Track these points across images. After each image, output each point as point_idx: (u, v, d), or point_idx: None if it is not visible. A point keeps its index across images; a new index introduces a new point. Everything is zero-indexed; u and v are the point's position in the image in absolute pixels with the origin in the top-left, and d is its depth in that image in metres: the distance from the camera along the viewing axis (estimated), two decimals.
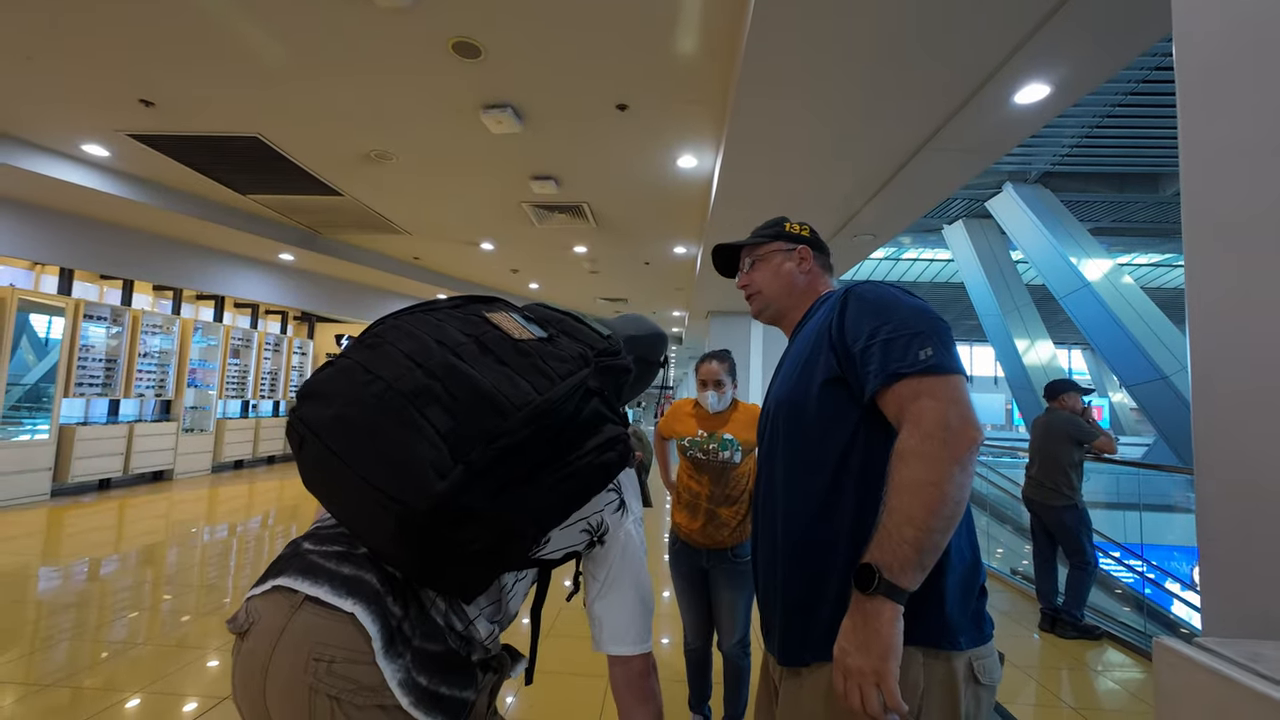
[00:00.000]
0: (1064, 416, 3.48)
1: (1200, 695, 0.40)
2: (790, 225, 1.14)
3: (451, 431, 0.70)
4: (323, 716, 0.68)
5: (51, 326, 6.04)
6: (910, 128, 3.37)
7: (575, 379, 0.77)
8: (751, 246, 1.16)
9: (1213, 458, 0.78)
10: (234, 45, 3.28)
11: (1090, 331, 10.14)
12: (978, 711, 0.81)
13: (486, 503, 0.69)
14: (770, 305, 1.13)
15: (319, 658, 0.69)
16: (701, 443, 1.96)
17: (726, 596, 1.95)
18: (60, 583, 3.59)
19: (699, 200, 5.43)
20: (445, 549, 0.70)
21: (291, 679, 0.69)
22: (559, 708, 2.28)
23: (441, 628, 0.75)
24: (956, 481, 0.73)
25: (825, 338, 0.91)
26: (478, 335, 0.80)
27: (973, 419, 0.75)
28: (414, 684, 0.70)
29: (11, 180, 5.14)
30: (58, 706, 2.15)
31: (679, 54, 3.18)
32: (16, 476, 5.57)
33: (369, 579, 0.73)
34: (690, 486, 1.98)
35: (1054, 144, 8.90)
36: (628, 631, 0.88)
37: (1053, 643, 3.24)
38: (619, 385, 0.86)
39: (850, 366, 0.86)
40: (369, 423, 0.72)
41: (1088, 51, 2.61)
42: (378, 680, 0.68)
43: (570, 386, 0.76)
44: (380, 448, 0.70)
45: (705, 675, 2.08)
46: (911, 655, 0.78)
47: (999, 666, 0.85)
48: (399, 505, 0.67)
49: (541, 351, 0.80)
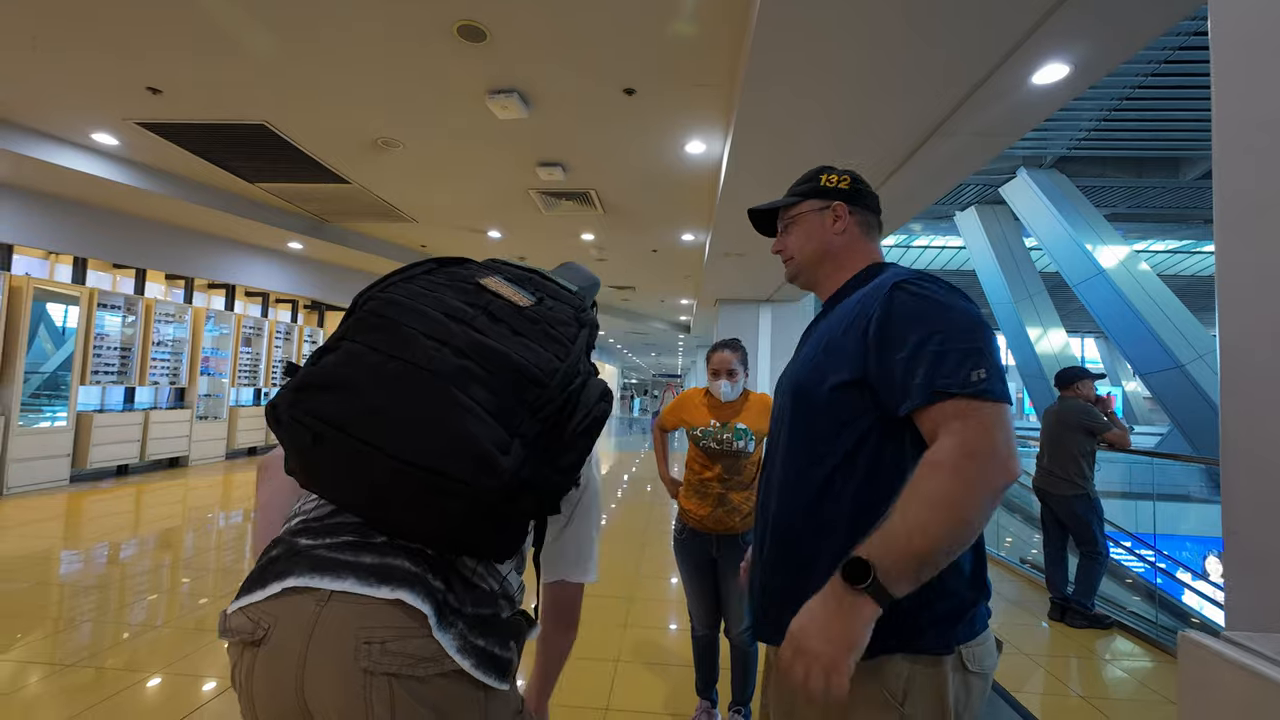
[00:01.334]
0: (1077, 405, 3.43)
1: (1228, 690, 0.39)
2: (827, 178, 1.03)
3: (498, 408, 0.72)
4: (382, 697, 0.66)
5: (68, 316, 6.12)
6: (925, 110, 3.30)
7: (580, 341, 0.82)
8: (785, 208, 1.07)
9: (1241, 446, 0.76)
10: (239, 31, 3.26)
11: (1104, 319, 9.99)
12: (968, 698, 0.79)
13: (537, 471, 0.73)
14: (803, 271, 1.05)
15: (369, 640, 0.67)
16: (715, 432, 1.95)
17: (730, 583, 1.95)
18: (81, 566, 3.67)
19: (707, 186, 5.37)
20: (502, 520, 0.73)
21: (340, 667, 0.67)
22: (568, 691, 2.31)
23: (487, 592, 0.77)
24: (983, 510, 0.70)
25: (860, 333, 0.84)
26: (485, 306, 0.81)
27: (1015, 453, 0.73)
28: (473, 647, 0.71)
29: (25, 170, 5.18)
30: (82, 685, 2.20)
31: (688, 36, 3.12)
32: (37, 463, 5.69)
33: (400, 564, 0.72)
34: (701, 474, 1.98)
35: (1071, 127, 8.70)
36: (587, 560, 0.94)
37: (1062, 631, 3.23)
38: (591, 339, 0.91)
39: (884, 372, 0.80)
40: (412, 409, 0.71)
41: (1111, 28, 2.53)
42: (436, 650, 0.68)
43: (580, 349, 0.82)
44: (433, 433, 0.69)
45: (713, 661, 2.10)
46: (895, 663, 0.77)
47: (993, 654, 0.84)
48: (466, 486, 0.68)
49: (547, 317, 0.82)
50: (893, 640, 0.77)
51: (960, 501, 0.70)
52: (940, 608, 0.78)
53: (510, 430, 0.71)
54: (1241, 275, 0.78)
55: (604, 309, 13.36)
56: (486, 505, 0.69)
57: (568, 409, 0.77)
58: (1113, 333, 9.97)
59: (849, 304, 0.92)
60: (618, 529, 5.20)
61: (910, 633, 0.77)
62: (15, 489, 5.48)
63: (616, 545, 4.61)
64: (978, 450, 0.71)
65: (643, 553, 4.40)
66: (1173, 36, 6.34)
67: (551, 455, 0.75)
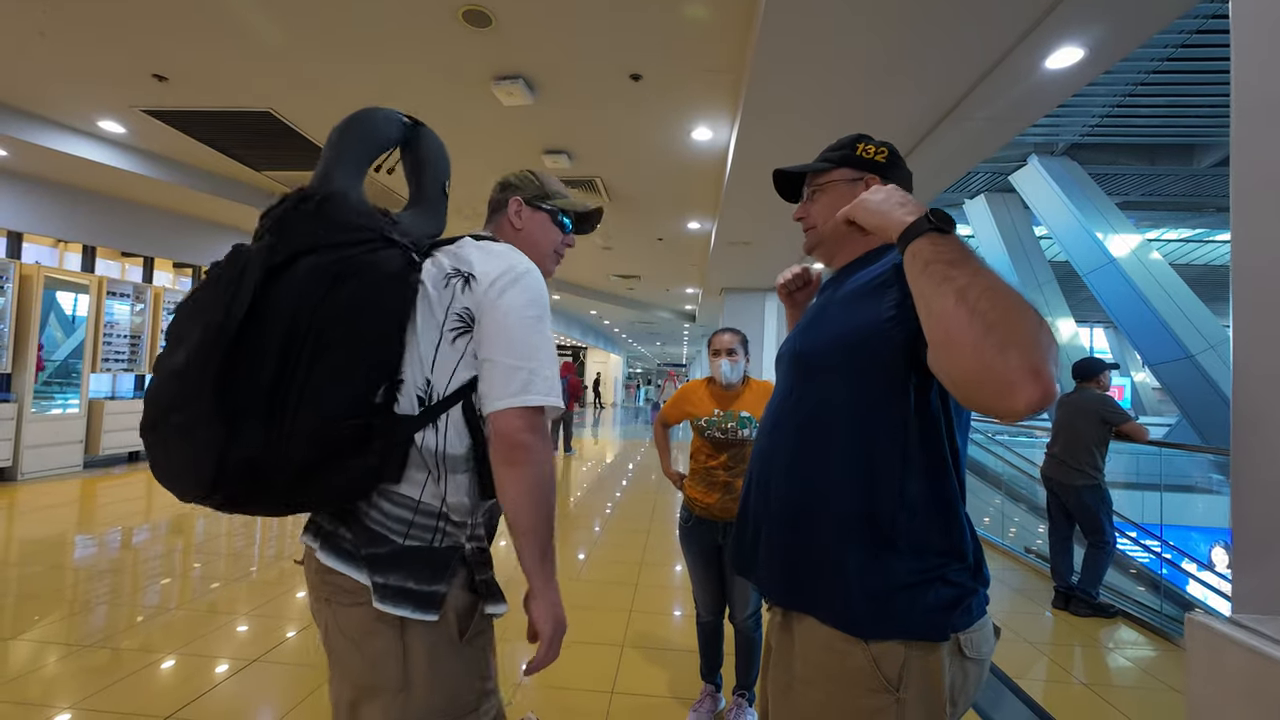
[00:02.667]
0: (1096, 395, 3.41)
1: (1235, 671, 0.39)
2: (864, 148, 0.99)
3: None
4: (325, 617, 0.88)
5: (77, 304, 6.17)
6: (936, 95, 3.25)
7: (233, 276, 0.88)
8: (814, 174, 1.02)
9: (1252, 432, 0.75)
10: (244, 18, 3.24)
11: (1114, 309, 9.89)
12: (964, 682, 0.80)
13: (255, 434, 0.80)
14: (824, 242, 1.00)
15: (319, 571, 0.88)
16: (719, 421, 1.97)
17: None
18: (95, 550, 3.73)
19: (714, 174, 5.33)
20: (290, 479, 0.80)
21: (315, 590, 0.90)
22: (574, 676, 2.35)
23: (378, 533, 0.85)
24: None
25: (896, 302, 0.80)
26: None
27: None
28: (376, 584, 0.82)
29: (33, 158, 5.20)
30: (98, 666, 2.25)
31: (695, 20, 3.08)
32: (51, 449, 5.77)
33: (320, 520, 0.91)
34: (707, 464, 1.99)
35: (1083, 114, 8.55)
36: (505, 385, 0.85)
37: (1066, 620, 3.24)
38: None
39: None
40: None
41: (1126, 11, 2.48)
42: (353, 584, 0.84)
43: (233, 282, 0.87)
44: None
45: (717, 647, 2.12)
46: (892, 648, 0.77)
47: (990, 640, 0.84)
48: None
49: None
50: (891, 627, 0.77)
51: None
52: (940, 595, 0.78)
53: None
54: (1258, 258, 0.77)
55: (609, 298, 13.35)
56: (260, 480, 0.78)
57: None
58: (1123, 323, 9.87)
59: (868, 280, 0.89)
60: (622, 518, 5.24)
61: (908, 620, 0.77)
62: (30, 474, 5.57)
63: (621, 534, 4.65)
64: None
65: (647, 540, 4.43)
66: (1189, 19, 6.20)
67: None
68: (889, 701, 0.76)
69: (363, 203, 0.93)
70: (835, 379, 0.85)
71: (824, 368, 0.88)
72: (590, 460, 8.98)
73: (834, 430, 0.84)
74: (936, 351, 0.69)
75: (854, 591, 0.79)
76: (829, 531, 0.82)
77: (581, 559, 3.96)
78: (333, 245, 0.84)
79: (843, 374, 0.84)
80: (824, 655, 0.81)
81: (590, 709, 2.11)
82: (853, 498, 0.81)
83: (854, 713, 0.78)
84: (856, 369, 0.83)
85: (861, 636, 0.78)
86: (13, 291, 5.47)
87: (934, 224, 0.72)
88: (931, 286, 0.69)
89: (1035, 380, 0.61)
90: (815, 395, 0.88)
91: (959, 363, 0.66)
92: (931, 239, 0.71)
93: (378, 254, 0.87)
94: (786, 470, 0.89)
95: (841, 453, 0.83)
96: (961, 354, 0.65)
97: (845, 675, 0.79)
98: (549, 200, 1.13)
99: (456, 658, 0.86)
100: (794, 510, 0.87)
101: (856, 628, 0.79)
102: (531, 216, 1.12)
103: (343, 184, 0.93)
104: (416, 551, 0.84)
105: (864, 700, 0.77)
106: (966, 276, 0.67)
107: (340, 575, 0.84)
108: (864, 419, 0.82)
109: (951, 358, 0.67)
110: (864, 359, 0.82)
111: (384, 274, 0.86)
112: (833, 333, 0.88)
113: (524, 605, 0.93)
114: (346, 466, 0.81)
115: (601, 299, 13.27)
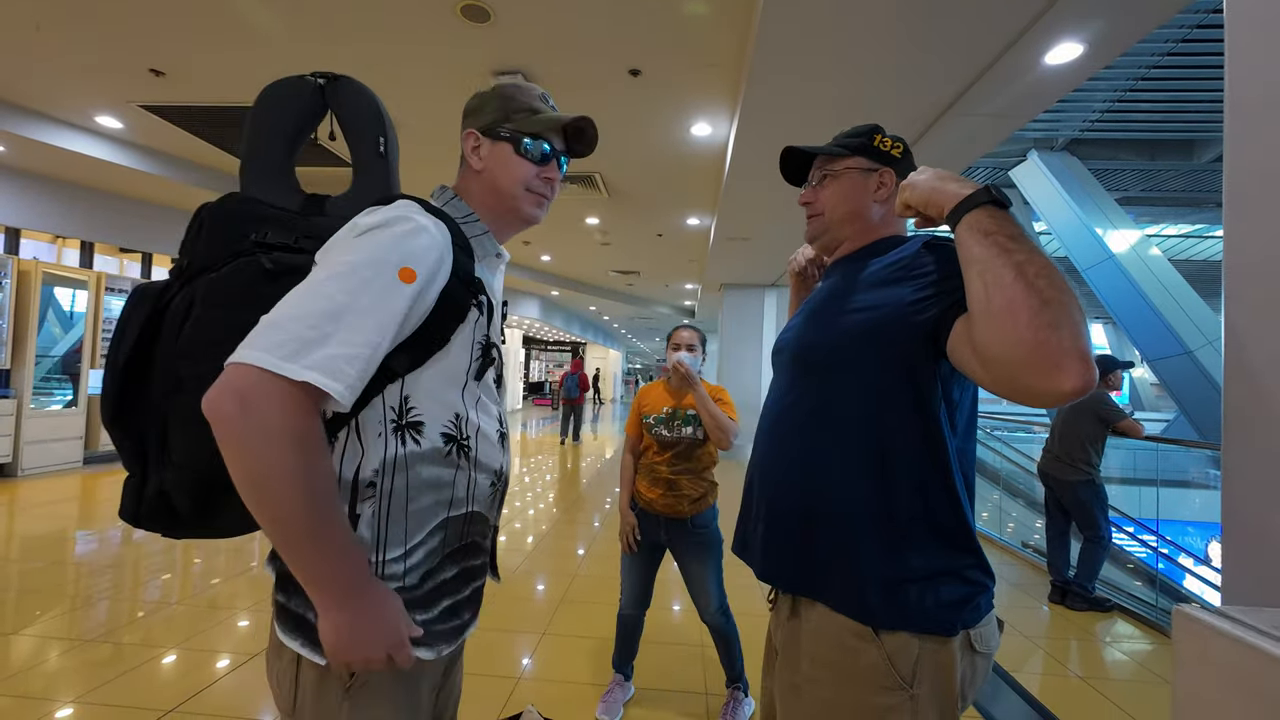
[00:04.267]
0: (1094, 393, 3.43)
1: (1223, 664, 0.40)
2: (881, 140, 0.96)
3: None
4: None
5: (75, 300, 6.16)
6: (935, 90, 3.25)
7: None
8: (826, 157, 0.97)
9: (1243, 426, 0.76)
10: (241, 12, 3.23)
11: (1113, 305, 9.90)
12: (974, 676, 0.81)
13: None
14: (828, 232, 0.97)
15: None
16: (666, 419, 1.97)
17: (696, 569, 1.98)
18: (96, 546, 3.74)
19: (713, 170, 5.32)
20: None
21: None
22: (574, 669, 2.36)
23: None
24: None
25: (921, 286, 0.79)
26: None
27: None
28: (279, 606, 0.74)
29: (31, 153, 5.18)
30: (100, 660, 2.26)
31: (694, 15, 3.07)
32: (51, 445, 5.77)
33: None
34: (653, 460, 2.00)
35: (1083, 109, 8.53)
36: (252, 335, 0.64)
37: (1062, 614, 3.26)
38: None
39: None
40: None
41: (1126, 6, 2.47)
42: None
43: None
44: None
45: (634, 640, 2.12)
46: (905, 644, 0.77)
47: (996, 634, 0.84)
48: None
49: None
50: (903, 618, 0.77)
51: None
52: (954, 591, 0.78)
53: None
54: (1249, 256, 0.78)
55: (608, 293, 13.34)
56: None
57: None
58: (1121, 318, 9.88)
59: (875, 266, 0.88)
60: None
61: (921, 613, 0.77)
62: (30, 470, 5.57)
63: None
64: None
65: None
66: (1190, 14, 6.18)
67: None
68: (903, 699, 0.76)
69: (262, 204, 0.82)
70: (844, 374, 0.84)
71: (829, 364, 0.86)
72: (590, 455, 9.00)
73: (843, 426, 0.83)
74: (986, 322, 0.67)
75: (869, 580, 0.79)
76: (842, 527, 0.82)
77: (581, 554, 3.98)
78: (202, 269, 0.77)
79: (854, 367, 0.83)
80: (835, 653, 0.81)
81: (590, 701, 2.12)
82: (865, 495, 0.81)
83: (867, 710, 0.77)
84: (869, 360, 0.82)
85: (873, 626, 0.78)
86: (11, 287, 5.46)
87: (994, 196, 0.72)
88: (992, 256, 0.67)
89: (1083, 363, 0.61)
90: (819, 391, 0.87)
91: (1011, 334, 0.64)
92: (990, 211, 0.71)
93: (220, 271, 0.76)
94: (791, 468, 0.88)
95: (852, 449, 0.82)
96: (1016, 325, 0.63)
97: (858, 673, 0.78)
98: (511, 123, 0.85)
99: (348, 713, 0.71)
100: (803, 506, 0.86)
101: (869, 616, 0.78)
102: (491, 151, 0.86)
103: (251, 185, 0.86)
104: None
105: (877, 698, 0.77)
106: (1025, 253, 0.67)
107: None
108: (876, 414, 0.81)
109: (1003, 329, 0.65)
110: (879, 348, 0.80)
111: (223, 293, 0.74)
112: (842, 325, 0.86)
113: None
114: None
115: (600, 294, 13.25)
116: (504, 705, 2.08)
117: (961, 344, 0.72)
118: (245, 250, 0.76)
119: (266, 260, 0.75)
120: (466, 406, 0.80)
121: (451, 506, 0.78)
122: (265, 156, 0.88)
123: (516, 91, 0.87)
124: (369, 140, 0.93)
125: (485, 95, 0.88)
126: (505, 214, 0.88)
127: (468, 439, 0.80)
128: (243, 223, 0.78)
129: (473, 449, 0.80)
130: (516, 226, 0.91)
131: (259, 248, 0.76)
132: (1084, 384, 0.60)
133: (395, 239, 0.69)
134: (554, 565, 3.72)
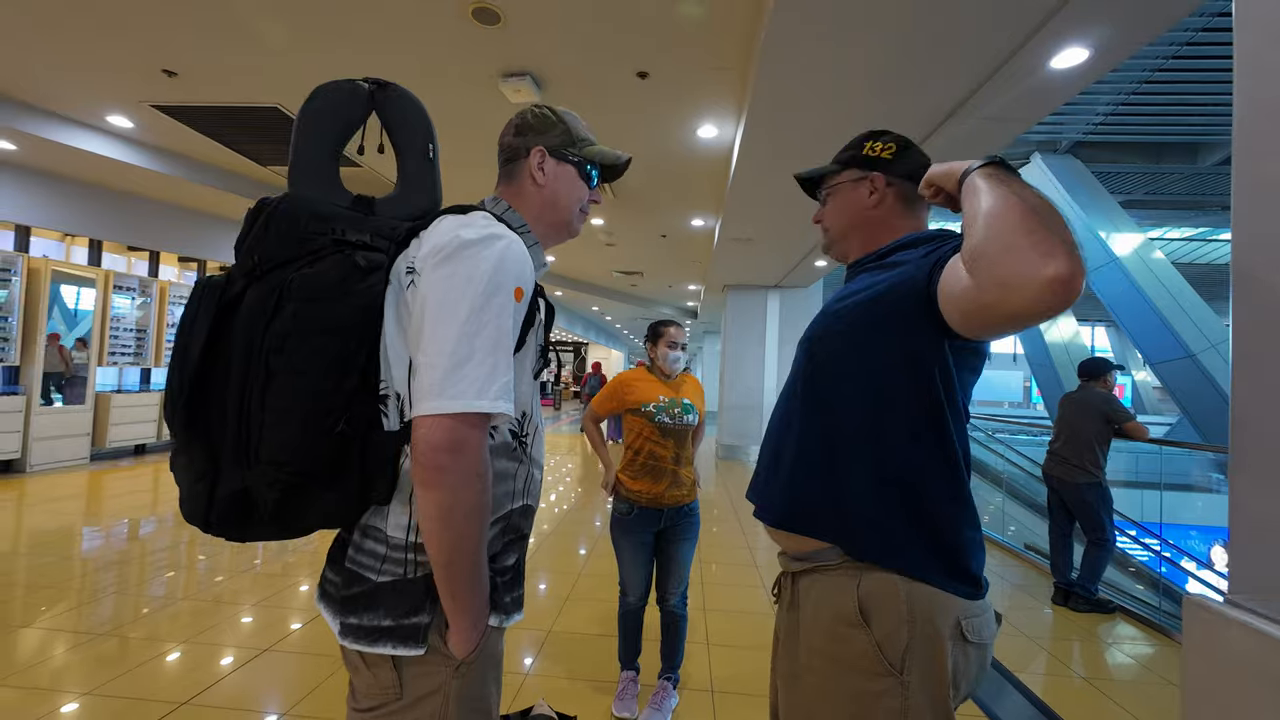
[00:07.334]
0: (1099, 394, 3.44)
1: (1232, 650, 0.41)
2: (870, 146, 1.00)
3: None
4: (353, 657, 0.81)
5: (81, 298, 6.20)
6: (941, 93, 3.26)
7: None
8: (826, 177, 1.04)
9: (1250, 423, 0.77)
10: (253, 14, 3.26)
11: (1116, 308, 9.89)
12: (967, 666, 0.82)
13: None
14: (834, 244, 1.03)
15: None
16: (668, 406, 2.02)
17: (679, 550, 2.07)
18: (103, 542, 3.77)
19: (718, 171, 5.34)
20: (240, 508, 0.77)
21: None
22: (582, 665, 2.38)
23: (356, 574, 0.78)
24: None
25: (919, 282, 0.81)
26: None
27: None
28: (350, 627, 0.77)
29: (41, 152, 5.22)
30: (107, 655, 2.28)
31: (702, 18, 3.09)
32: (58, 441, 5.81)
33: (325, 569, 0.87)
34: (655, 451, 2.02)
35: (1087, 112, 8.53)
36: (428, 386, 0.70)
37: (1065, 616, 3.27)
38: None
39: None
40: None
41: (1132, 11, 2.48)
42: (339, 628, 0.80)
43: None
44: None
45: (639, 633, 2.16)
46: (889, 580, 0.81)
47: (992, 624, 0.85)
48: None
49: None
50: (889, 555, 0.81)
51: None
52: (943, 542, 0.82)
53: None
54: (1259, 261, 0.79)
55: (611, 294, 13.36)
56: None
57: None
58: (1124, 321, 9.87)
59: (879, 259, 0.93)
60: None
61: (908, 553, 0.81)
62: (38, 467, 5.61)
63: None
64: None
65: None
66: (1196, 18, 6.19)
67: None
68: (893, 684, 0.78)
69: (322, 202, 0.84)
70: (840, 343, 0.88)
71: (829, 334, 0.91)
72: (592, 454, 9.01)
73: (840, 381, 0.87)
74: (980, 225, 0.69)
75: (857, 518, 0.83)
76: (842, 482, 0.85)
77: (583, 554, 3.99)
78: (278, 264, 0.78)
79: (849, 337, 0.87)
80: (828, 642, 0.84)
81: (598, 696, 2.14)
82: (864, 457, 0.84)
83: (860, 696, 0.80)
84: (867, 324, 0.85)
85: (857, 557, 0.83)
86: (20, 285, 5.50)
87: (998, 160, 0.76)
88: (989, 186, 0.71)
89: (1072, 252, 0.61)
90: (820, 363, 0.91)
91: (1003, 228, 0.66)
92: (995, 168, 0.74)
93: (315, 266, 0.77)
94: (792, 419, 0.93)
95: (849, 420, 0.86)
96: (1008, 221, 0.66)
97: (850, 660, 0.81)
98: (576, 148, 0.94)
99: (458, 689, 0.79)
100: (799, 449, 0.90)
101: (855, 548, 0.83)
102: (557, 170, 0.92)
103: (301, 185, 0.88)
104: (391, 586, 0.77)
105: (869, 684, 0.79)
106: (1021, 188, 0.70)
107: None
108: (874, 371, 0.84)
109: (996, 227, 0.67)
110: (879, 312, 0.84)
111: (319, 288, 0.76)
112: (846, 304, 0.90)
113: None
114: (331, 491, 0.75)
115: (604, 295, 13.27)
116: (511, 702, 2.10)
117: (952, 278, 0.73)
118: (324, 247, 0.79)
119: (361, 258, 0.80)
120: (530, 405, 0.86)
121: (513, 499, 0.84)
122: (315, 157, 0.90)
123: (575, 121, 0.96)
124: (419, 146, 0.97)
125: (547, 118, 0.94)
126: (557, 227, 0.95)
127: (527, 435, 0.86)
128: (313, 220, 0.81)
129: (530, 444, 0.86)
130: (561, 239, 0.97)
131: (340, 245, 0.80)
132: (1071, 271, 0.60)
133: (501, 257, 0.75)
134: (555, 564, 3.74)
